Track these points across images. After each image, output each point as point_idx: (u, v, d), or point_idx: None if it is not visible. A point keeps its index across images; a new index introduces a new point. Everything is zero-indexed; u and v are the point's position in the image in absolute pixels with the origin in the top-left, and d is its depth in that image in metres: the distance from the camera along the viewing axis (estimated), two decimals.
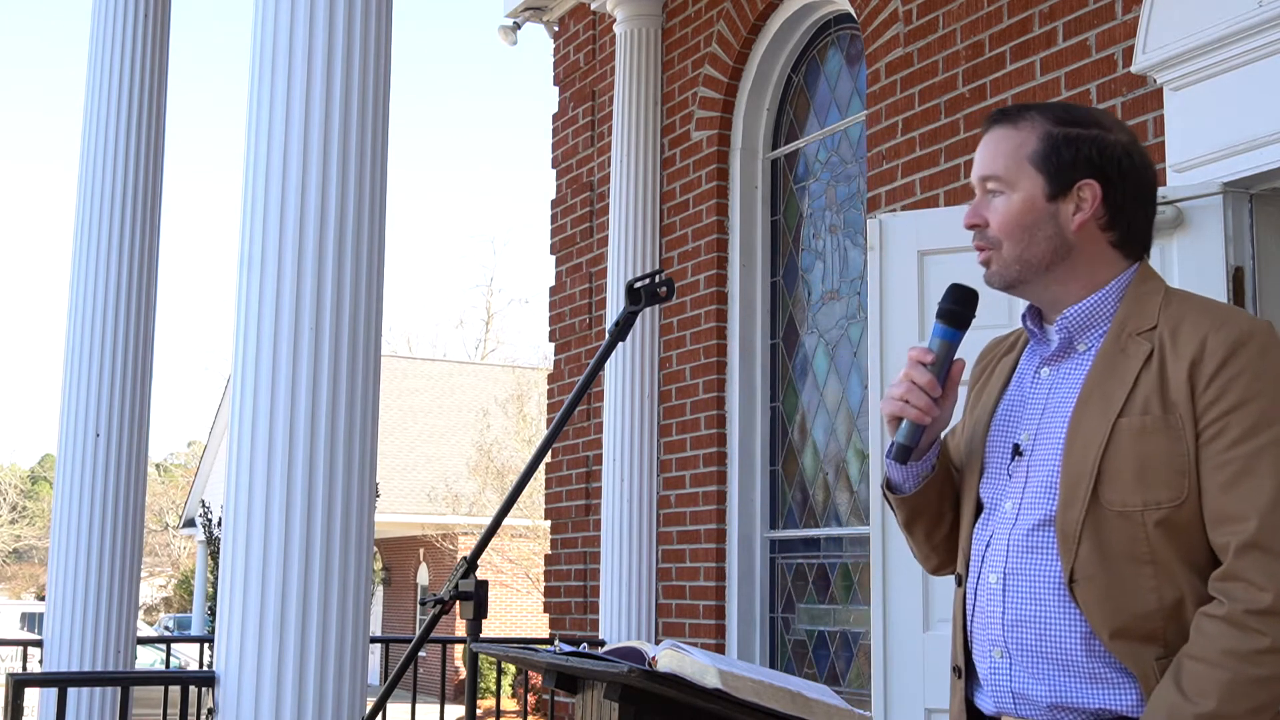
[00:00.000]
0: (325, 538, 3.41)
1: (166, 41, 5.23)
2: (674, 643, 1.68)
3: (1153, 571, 1.84)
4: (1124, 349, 1.91)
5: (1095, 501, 1.86)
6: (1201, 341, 1.85)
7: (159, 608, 38.21)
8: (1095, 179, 1.96)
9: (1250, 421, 1.81)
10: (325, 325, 3.48)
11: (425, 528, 25.62)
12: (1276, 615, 1.76)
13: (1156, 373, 1.87)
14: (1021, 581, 1.92)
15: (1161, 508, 1.83)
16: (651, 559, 6.39)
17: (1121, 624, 1.84)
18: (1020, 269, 1.98)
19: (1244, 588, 1.78)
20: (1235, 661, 1.75)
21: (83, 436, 4.86)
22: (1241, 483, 1.80)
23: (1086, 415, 1.90)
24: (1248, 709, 1.75)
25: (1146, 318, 1.92)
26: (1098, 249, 1.98)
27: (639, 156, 6.67)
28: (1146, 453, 1.85)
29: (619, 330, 2.20)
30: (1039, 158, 1.97)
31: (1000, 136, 2.01)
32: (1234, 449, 1.81)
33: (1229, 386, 1.83)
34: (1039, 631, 1.90)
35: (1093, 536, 1.86)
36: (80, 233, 5.03)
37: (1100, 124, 2.00)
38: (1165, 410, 1.85)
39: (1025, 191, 1.97)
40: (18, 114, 76.28)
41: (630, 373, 6.47)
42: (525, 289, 59.47)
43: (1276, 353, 1.86)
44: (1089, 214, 1.96)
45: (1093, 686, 1.87)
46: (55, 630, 4.78)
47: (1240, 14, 4.00)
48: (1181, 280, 4.03)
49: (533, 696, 15.67)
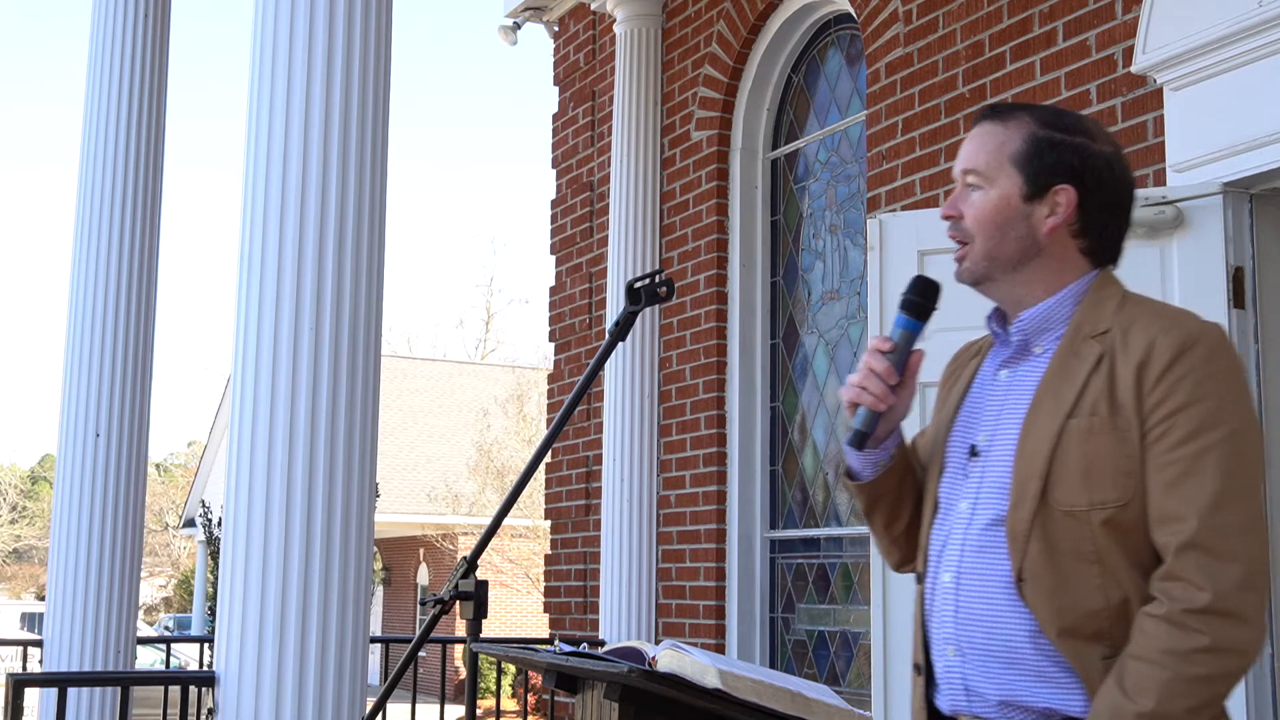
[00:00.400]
0: (325, 538, 3.41)
1: (166, 41, 5.23)
2: (674, 643, 1.68)
3: (1099, 571, 1.85)
4: (1077, 351, 1.94)
5: (1044, 502, 1.88)
6: (1150, 343, 1.88)
7: (159, 608, 38.21)
8: (1072, 185, 1.98)
9: (1195, 423, 1.83)
10: (325, 325, 3.48)
11: (425, 528, 25.62)
12: (1214, 614, 1.77)
13: (1106, 374, 1.89)
14: (973, 580, 1.95)
15: (1107, 508, 1.85)
16: (651, 559, 6.39)
17: (1068, 623, 1.85)
18: (988, 265, 2.01)
19: (1183, 587, 1.79)
20: (1174, 660, 1.77)
21: (83, 436, 4.86)
22: (1184, 483, 1.82)
23: (1038, 416, 1.92)
24: (1186, 707, 1.77)
25: (1101, 321, 1.95)
26: (1066, 254, 2.01)
27: (639, 156, 6.67)
28: (1093, 453, 1.86)
29: (619, 330, 2.20)
30: (1020, 158, 1.99)
31: (987, 132, 2.04)
32: (1177, 450, 1.83)
33: (1175, 388, 1.84)
34: (989, 630, 1.92)
35: (1041, 536, 1.88)
36: (80, 233, 5.03)
37: (1087, 133, 2.02)
38: (1113, 411, 1.87)
39: (1002, 189, 2.00)
40: (18, 114, 76.28)
41: (630, 373, 6.47)
42: (525, 289, 59.52)
43: (1224, 356, 1.88)
44: (1062, 219, 1.99)
45: (1041, 685, 1.88)
46: (55, 630, 4.78)
47: (1240, 14, 4.00)
48: (1181, 280, 4.03)
49: (533, 696, 15.67)
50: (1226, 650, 1.78)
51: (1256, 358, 4.02)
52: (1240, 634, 1.78)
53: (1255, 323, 4.03)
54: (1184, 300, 4.03)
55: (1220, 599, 1.77)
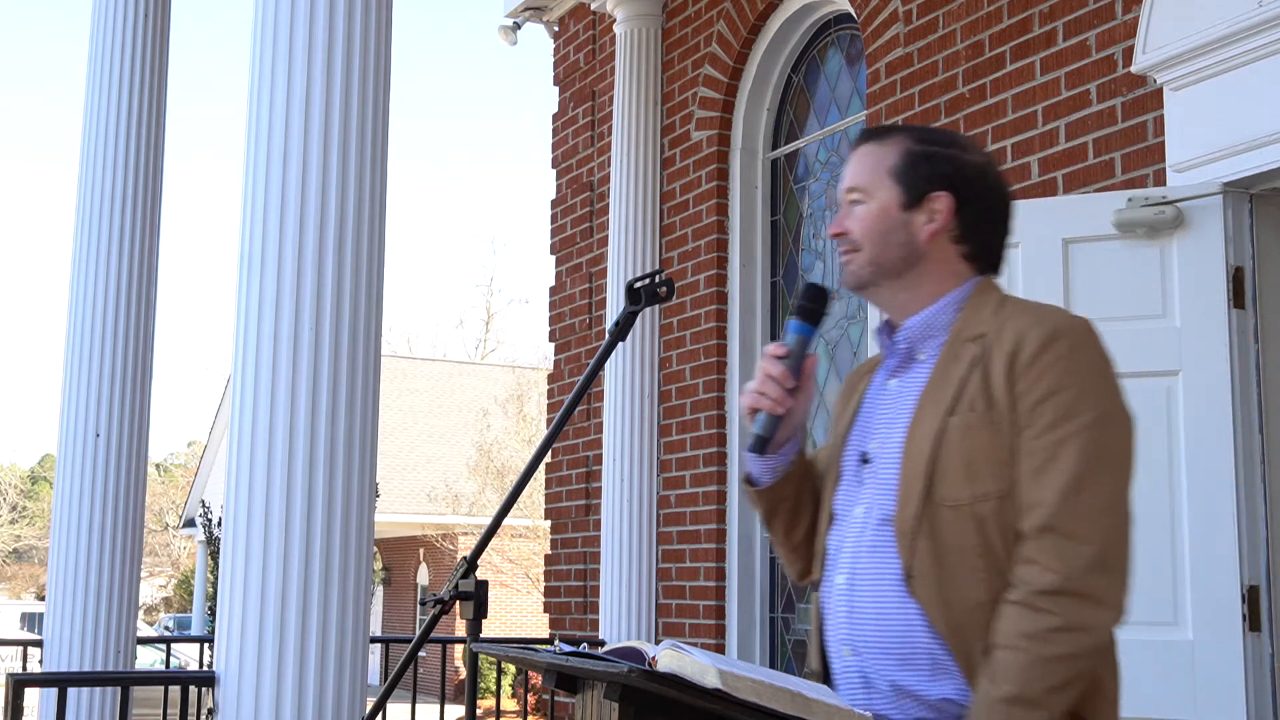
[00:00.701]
0: (325, 538, 3.41)
1: (166, 41, 5.23)
2: (674, 643, 1.68)
3: (985, 564, 1.90)
4: (957, 354, 2.00)
5: (930, 499, 1.93)
6: (1019, 336, 1.94)
7: (159, 608, 38.21)
8: (948, 192, 2.06)
9: (1058, 412, 1.89)
10: (325, 325, 3.48)
11: (425, 528, 25.62)
12: (1065, 594, 1.82)
13: (982, 372, 1.96)
14: (866, 580, 1.99)
15: (989, 499, 1.90)
16: (651, 559, 6.39)
17: (956, 616, 1.90)
18: (872, 271, 2.08)
19: (1036, 570, 1.84)
20: (1029, 643, 1.82)
21: (83, 436, 4.86)
22: (1046, 470, 1.87)
23: (922, 418, 1.99)
24: (1045, 689, 1.81)
25: (980, 325, 2.01)
26: (947, 260, 2.08)
27: (639, 156, 6.67)
28: (972, 448, 1.92)
29: (619, 330, 2.20)
30: (898, 171, 2.08)
31: (866, 152, 2.13)
32: (1041, 437, 1.89)
33: (1040, 378, 1.90)
34: (883, 627, 1.96)
35: (928, 533, 1.93)
36: (80, 233, 5.03)
37: (959, 144, 2.12)
38: (988, 406, 1.93)
39: (881, 200, 2.08)
40: (17, 114, 76.28)
41: (630, 373, 6.47)
42: (525, 289, 59.51)
43: (1089, 349, 1.94)
44: (940, 225, 2.06)
45: (935, 677, 1.92)
46: (55, 630, 4.78)
47: (1240, 14, 4.00)
48: (1181, 280, 4.03)
49: (533, 696, 15.68)
50: (1079, 628, 1.82)
51: (1256, 358, 4.02)
52: (1092, 613, 1.83)
53: (1255, 323, 4.03)
54: (1184, 300, 4.03)
55: (1070, 579, 1.82)
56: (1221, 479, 3.90)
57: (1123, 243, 4.08)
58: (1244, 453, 3.93)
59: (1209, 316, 3.99)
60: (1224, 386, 3.94)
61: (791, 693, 1.66)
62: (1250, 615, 3.84)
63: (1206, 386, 3.95)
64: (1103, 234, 4.10)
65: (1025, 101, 4.86)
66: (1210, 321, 3.98)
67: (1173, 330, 4.01)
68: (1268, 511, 3.95)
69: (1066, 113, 4.69)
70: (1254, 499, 3.94)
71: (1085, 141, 4.61)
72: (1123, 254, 4.08)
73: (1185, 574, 3.87)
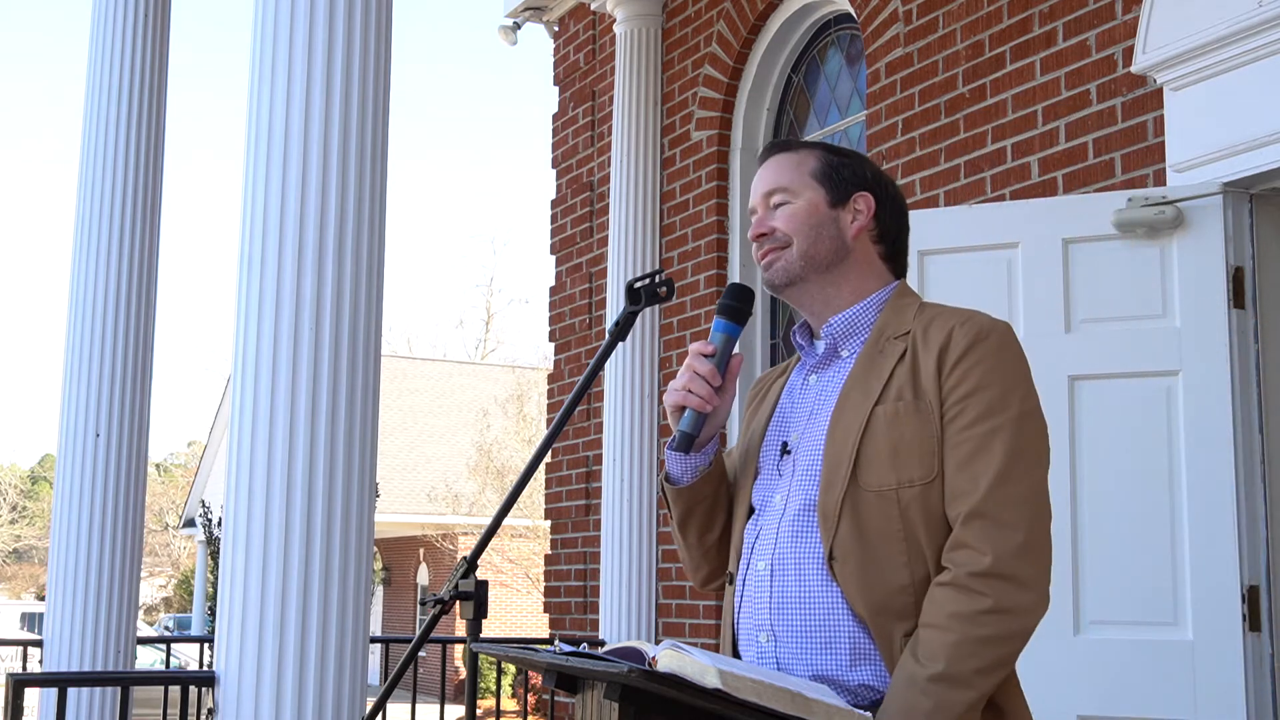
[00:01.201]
0: (325, 538, 3.41)
1: (166, 41, 5.23)
2: (674, 643, 1.68)
3: (905, 549, 1.95)
4: (882, 350, 2.08)
5: (854, 483, 1.99)
6: (948, 334, 2.03)
7: (159, 608, 38.21)
8: (869, 192, 2.17)
9: (985, 405, 1.97)
10: (325, 325, 3.47)
11: (425, 528, 25.62)
12: (997, 576, 1.88)
13: (909, 365, 2.04)
14: (788, 564, 2.03)
15: (914, 485, 1.97)
16: (651, 559, 6.39)
17: (875, 599, 1.95)
18: (804, 265, 2.14)
19: (967, 553, 1.90)
20: (959, 623, 1.86)
21: (83, 436, 4.86)
22: (975, 460, 1.94)
23: (847, 407, 2.05)
24: (974, 669, 1.85)
25: (903, 324, 2.10)
26: (869, 259, 2.17)
27: (639, 156, 6.67)
28: (899, 435, 1.99)
29: (619, 330, 2.20)
30: (819, 173, 2.17)
31: (780, 160, 2.21)
32: (970, 429, 1.96)
33: (969, 374, 1.99)
34: (804, 611, 2.00)
35: (851, 516, 1.98)
36: (80, 233, 5.02)
37: (861, 156, 2.24)
38: (916, 396, 2.00)
39: (809, 199, 2.16)
40: (17, 115, 76.25)
41: (630, 373, 6.47)
42: (525, 289, 59.52)
43: (1010, 349, 2.03)
44: (865, 222, 2.16)
45: (854, 663, 1.95)
46: (55, 630, 4.77)
47: (1240, 14, 4.00)
48: (1181, 280, 4.03)
49: (533, 696, 15.67)
50: (1008, 611, 1.87)
51: (1256, 358, 4.02)
52: (1020, 596, 1.88)
53: (1255, 323, 4.03)
54: (1184, 300, 4.03)
55: (1000, 562, 1.88)
56: (1221, 479, 3.90)
57: (1123, 243, 4.08)
58: (1244, 453, 3.93)
59: (1209, 316, 3.99)
60: (1224, 386, 3.93)
61: (791, 693, 1.66)
62: (1250, 615, 3.84)
63: (1206, 386, 3.95)
64: (1103, 234, 4.10)
65: (1025, 101, 4.85)
66: (1210, 321, 3.98)
67: (1173, 330, 4.01)
68: (1268, 511, 3.95)
69: (1066, 113, 4.69)
70: (1254, 499, 3.94)
71: (1085, 141, 4.61)
72: (1123, 254, 4.08)
73: (1185, 574, 3.87)
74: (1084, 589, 3.94)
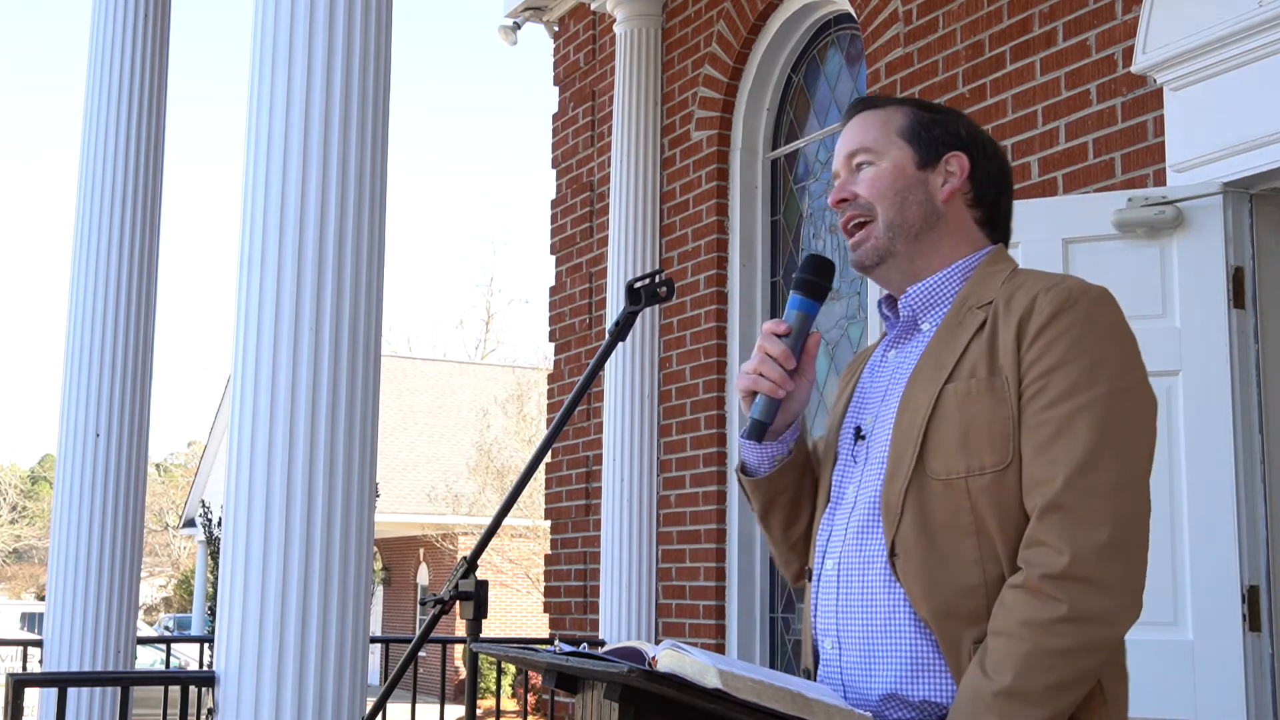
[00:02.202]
0: (325, 538, 3.41)
1: (166, 41, 5.23)
2: (674, 643, 1.68)
3: (976, 544, 1.75)
4: (961, 321, 1.87)
5: (920, 471, 1.79)
6: (1031, 301, 1.80)
7: (159, 608, 38.21)
8: (963, 152, 1.97)
9: (1069, 382, 1.74)
10: (325, 325, 3.47)
11: (425, 528, 25.62)
12: (1075, 580, 1.66)
13: (988, 338, 1.82)
14: (853, 564, 1.84)
15: (985, 473, 1.75)
16: (651, 559, 6.38)
17: (942, 600, 1.74)
18: (892, 236, 1.94)
19: (1044, 552, 1.68)
20: (1032, 632, 1.65)
21: (83, 436, 4.86)
22: (1055, 444, 1.72)
23: (917, 386, 1.85)
24: (1047, 684, 1.64)
25: (988, 293, 1.88)
26: (963, 223, 1.96)
27: (639, 156, 6.67)
28: (970, 417, 1.77)
29: (619, 330, 2.20)
30: (907, 131, 1.97)
31: (866, 117, 2.01)
32: (1050, 409, 1.74)
33: (1051, 346, 1.76)
34: (865, 615, 1.81)
35: (915, 508, 1.78)
36: (80, 232, 5.03)
37: (958, 113, 2.04)
38: (991, 373, 1.79)
39: (895, 160, 1.96)
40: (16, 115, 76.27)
41: (630, 373, 6.47)
42: (525, 289, 59.52)
43: (1105, 316, 1.80)
44: (958, 184, 1.95)
45: (915, 673, 1.76)
46: (55, 630, 4.77)
47: (1240, 14, 4.00)
48: (1181, 280, 4.03)
49: (533, 696, 15.67)
50: (1087, 619, 1.65)
51: (1256, 358, 4.02)
52: (1102, 602, 1.66)
53: (1255, 323, 4.03)
54: (1184, 300, 4.03)
55: (1078, 563, 1.66)
56: (1221, 479, 3.90)
57: (1123, 243, 4.08)
58: (1244, 453, 3.93)
59: (1209, 316, 3.99)
60: (1224, 386, 3.93)
61: (791, 693, 1.66)
62: (1250, 615, 3.84)
63: (1206, 386, 3.95)
64: (1103, 234, 4.10)
65: (1025, 101, 4.86)
66: (1210, 321, 3.98)
67: (1173, 330, 4.01)
68: (1268, 511, 3.95)
69: (1066, 113, 4.69)
70: (1254, 499, 3.94)
71: (1085, 141, 4.61)
72: (1123, 254, 4.08)
73: (1185, 574, 3.87)
74: None
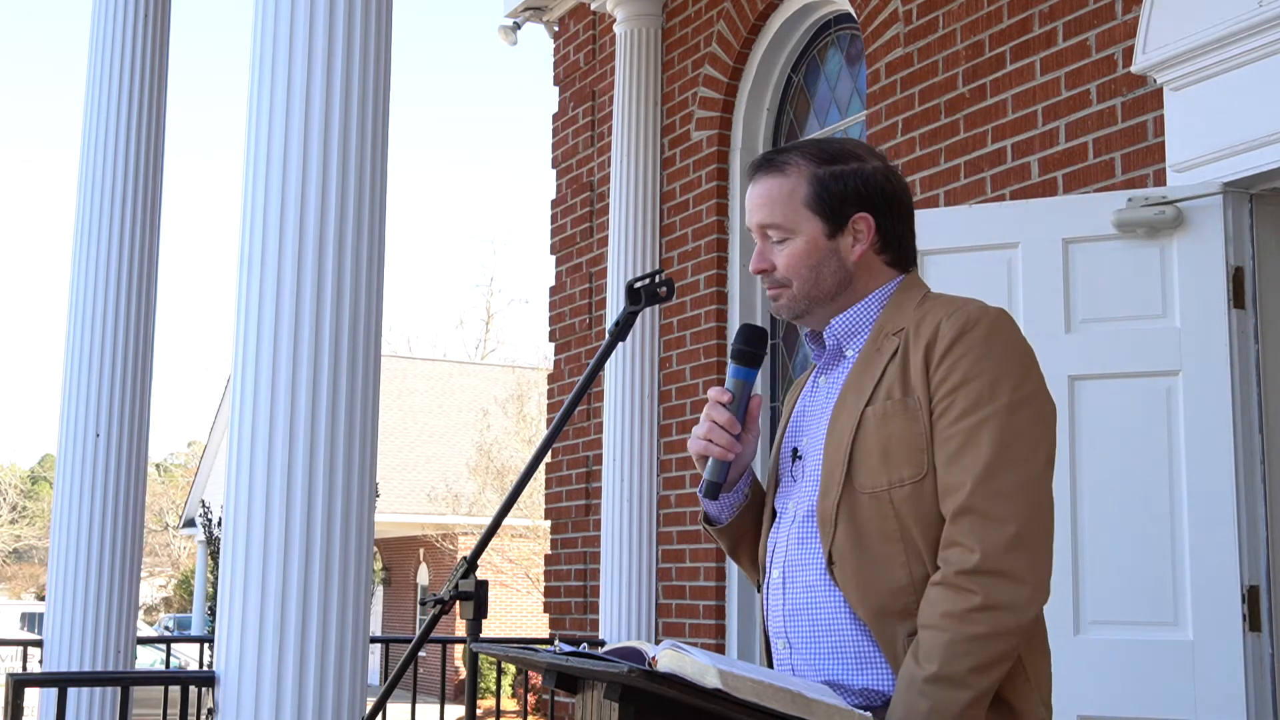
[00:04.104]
0: (325, 538, 3.41)
1: (167, 41, 5.23)
2: (674, 643, 1.68)
3: (902, 549, 1.94)
4: (879, 348, 2.05)
5: (849, 486, 1.98)
6: (936, 327, 1.98)
7: (159, 608, 38.21)
8: (866, 211, 2.09)
9: (972, 398, 1.93)
10: (325, 325, 3.47)
11: (425, 528, 25.62)
12: (986, 573, 1.85)
13: (900, 363, 2.00)
14: (796, 571, 2.05)
15: (905, 484, 1.95)
16: (651, 559, 6.39)
17: (875, 600, 1.94)
18: (808, 303, 2.11)
19: (958, 551, 1.88)
20: (952, 622, 1.85)
21: (83, 436, 4.86)
22: (963, 455, 1.91)
23: (842, 409, 2.04)
24: (969, 667, 1.83)
25: (901, 320, 2.06)
26: (873, 268, 2.12)
27: (639, 156, 6.67)
28: (888, 435, 1.97)
29: (619, 330, 2.20)
30: (813, 201, 2.09)
31: (771, 185, 2.11)
32: (957, 424, 1.93)
33: (955, 366, 1.95)
34: (811, 617, 2.02)
35: (848, 520, 1.97)
36: (80, 232, 5.02)
37: (856, 155, 2.12)
38: (905, 394, 1.98)
39: (807, 234, 2.09)
40: (16, 115, 76.27)
41: (630, 373, 6.47)
42: (525, 289, 59.53)
43: (1001, 337, 1.97)
44: (866, 244, 2.10)
45: (859, 666, 1.96)
46: (55, 630, 4.77)
47: (1240, 14, 4.00)
48: (1181, 280, 4.03)
49: (533, 696, 15.67)
50: (999, 607, 1.84)
51: (1256, 358, 4.02)
52: (1012, 591, 1.85)
53: (1255, 323, 4.03)
54: (1184, 300, 4.03)
55: (988, 558, 1.85)
56: (1221, 479, 3.90)
57: (1123, 243, 4.08)
58: (1244, 453, 3.93)
59: (1209, 316, 3.99)
60: (1224, 386, 3.93)
61: (791, 693, 1.66)
62: (1250, 615, 3.84)
63: (1206, 386, 3.95)
64: (1103, 234, 4.10)
65: (1025, 101, 4.85)
66: (1210, 321, 3.98)
67: (1173, 330, 4.01)
68: (1268, 511, 3.95)
69: (1066, 113, 4.69)
70: (1254, 499, 3.94)
71: (1085, 141, 4.61)
72: (1123, 254, 4.08)
73: (1185, 574, 3.87)
74: (1084, 589, 3.94)
